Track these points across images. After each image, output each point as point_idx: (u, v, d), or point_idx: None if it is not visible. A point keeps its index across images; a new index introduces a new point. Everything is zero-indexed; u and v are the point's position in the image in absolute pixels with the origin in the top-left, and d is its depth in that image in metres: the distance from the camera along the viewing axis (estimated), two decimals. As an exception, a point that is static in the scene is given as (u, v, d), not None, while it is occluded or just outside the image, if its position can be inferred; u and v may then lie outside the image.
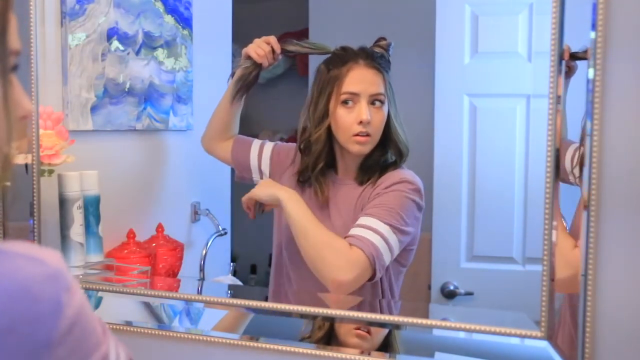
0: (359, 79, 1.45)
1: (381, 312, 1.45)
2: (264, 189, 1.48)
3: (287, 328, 1.38)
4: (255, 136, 1.70)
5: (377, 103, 1.45)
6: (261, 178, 1.62)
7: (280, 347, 1.31)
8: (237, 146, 1.67)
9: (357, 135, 1.44)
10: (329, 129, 1.48)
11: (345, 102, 1.45)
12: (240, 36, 1.90)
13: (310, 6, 1.79)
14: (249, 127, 1.96)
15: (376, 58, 1.47)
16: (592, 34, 1.04)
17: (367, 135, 1.44)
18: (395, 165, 1.48)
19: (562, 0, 1.08)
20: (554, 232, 1.11)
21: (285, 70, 2.21)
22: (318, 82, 1.50)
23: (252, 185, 1.54)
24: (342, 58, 1.47)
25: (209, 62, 1.90)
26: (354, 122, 1.44)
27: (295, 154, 1.56)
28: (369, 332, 1.31)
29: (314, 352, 1.31)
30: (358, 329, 1.31)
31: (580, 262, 1.08)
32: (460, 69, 1.44)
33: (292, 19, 1.52)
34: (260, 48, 1.54)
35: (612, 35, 1.05)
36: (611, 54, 1.05)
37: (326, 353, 1.29)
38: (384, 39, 1.49)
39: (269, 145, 1.65)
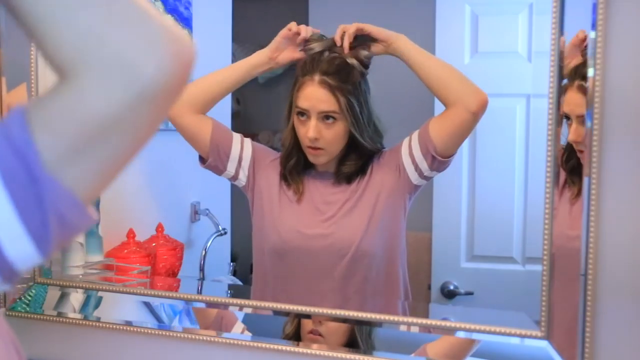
0: (309, 96, 1.45)
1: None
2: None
3: (271, 326, 1.39)
4: (255, 136, 1.70)
5: (330, 119, 1.44)
6: (239, 168, 1.55)
7: (282, 347, 1.31)
8: (219, 129, 1.55)
9: (309, 147, 1.46)
10: (294, 130, 1.49)
11: (300, 114, 1.46)
12: (240, 36, 1.90)
13: (310, 6, 1.79)
14: (249, 127, 1.96)
15: (335, 73, 1.43)
16: (592, 34, 1.04)
17: (319, 148, 1.46)
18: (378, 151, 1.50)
19: (562, 0, 1.08)
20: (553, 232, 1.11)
21: (285, 70, 2.20)
22: (293, 81, 1.50)
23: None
24: (305, 68, 1.46)
25: (209, 62, 1.90)
26: (305, 134, 1.45)
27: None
28: (321, 334, 1.33)
29: (314, 352, 1.31)
30: (311, 332, 1.34)
31: (580, 262, 1.08)
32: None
33: (292, 19, 1.52)
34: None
35: (612, 35, 1.05)
36: (611, 54, 1.05)
37: (328, 353, 1.29)
38: (367, 47, 1.45)
39: (247, 139, 1.59)
